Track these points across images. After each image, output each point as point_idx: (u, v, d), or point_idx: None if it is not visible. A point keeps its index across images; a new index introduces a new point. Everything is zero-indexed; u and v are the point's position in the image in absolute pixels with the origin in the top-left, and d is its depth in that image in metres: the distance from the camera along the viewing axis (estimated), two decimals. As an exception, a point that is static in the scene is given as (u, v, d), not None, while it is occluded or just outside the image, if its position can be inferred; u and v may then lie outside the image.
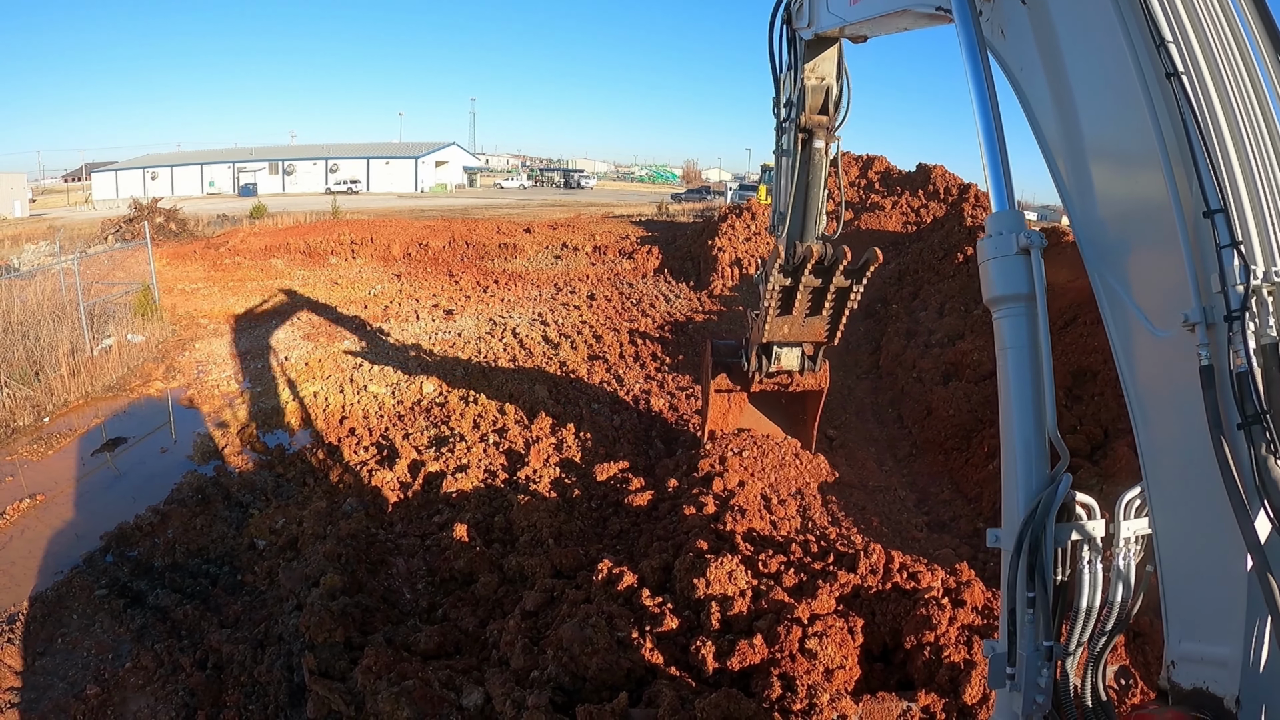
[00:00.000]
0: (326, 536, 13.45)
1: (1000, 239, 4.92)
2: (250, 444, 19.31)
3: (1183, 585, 4.04)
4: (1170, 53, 4.05)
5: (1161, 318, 4.10)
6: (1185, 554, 4.06)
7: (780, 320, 13.29)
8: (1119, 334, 4.42)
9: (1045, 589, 4.55)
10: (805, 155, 12.40)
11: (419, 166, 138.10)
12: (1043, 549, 4.56)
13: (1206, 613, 3.91)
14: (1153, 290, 4.22)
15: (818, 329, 13.58)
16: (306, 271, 43.42)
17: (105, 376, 24.60)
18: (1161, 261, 4.13)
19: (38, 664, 11.39)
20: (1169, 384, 4.09)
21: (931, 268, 28.39)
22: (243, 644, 11.18)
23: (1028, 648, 4.64)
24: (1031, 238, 4.78)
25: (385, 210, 75.91)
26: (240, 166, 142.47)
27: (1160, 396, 4.23)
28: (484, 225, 54.42)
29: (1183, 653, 3.99)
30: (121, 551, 14.23)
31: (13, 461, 18.54)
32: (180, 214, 64.96)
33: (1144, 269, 4.32)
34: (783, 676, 8.56)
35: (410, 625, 11.21)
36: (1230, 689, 3.69)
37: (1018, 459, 4.81)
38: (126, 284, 33.41)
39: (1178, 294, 3.93)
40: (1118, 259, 4.47)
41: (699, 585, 10.06)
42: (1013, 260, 4.84)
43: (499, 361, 24.49)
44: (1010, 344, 4.90)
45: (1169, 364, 4.05)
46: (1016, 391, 4.85)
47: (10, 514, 15.72)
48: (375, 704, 8.83)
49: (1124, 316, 4.38)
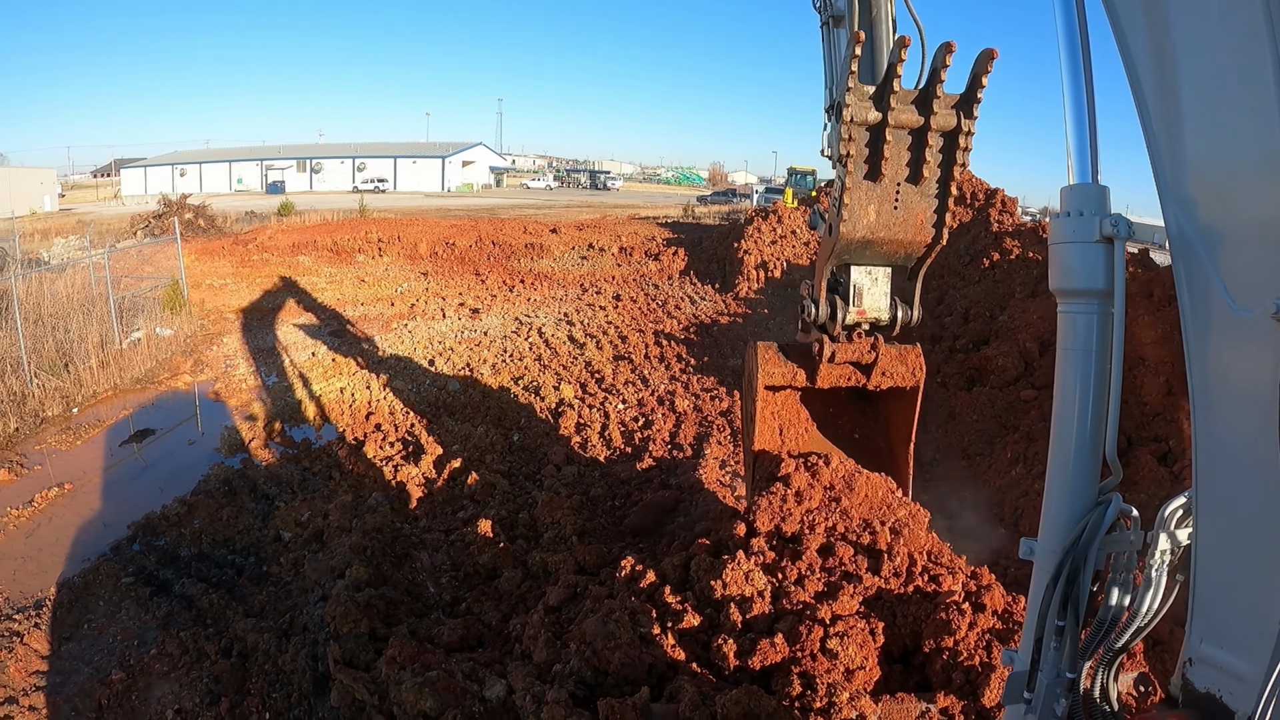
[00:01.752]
0: (352, 529, 13.55)
1: (1080, 221, 4.13)
2: (276, 438, 19.45)
3: (1215, 590, 3.73)
4: None
5: (1247, 295, 3.41)
6: (1224, 559, 3.70)
7: (868, 195, 8.49)
8: (1194, 306, 3.73)
9: (1077, 620, 4.15)
10: None
11: (446, 166, 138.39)
12: (1081, 580, 4.12)
13: (1235, 624, 3.61)
14: (1243, 265, 3.51)
15: (919, 217, 8.65)
16: (334, 269, 43.64)
17: (134, 369, 24.85)
18: (1260, 238, 3.43)
19: (64, 649, 11.50)
20: (1241, 371, 3.53)
21: (957, 273, 28.30)
22: (268, 633, 11.27)
23: (1049, 675, 4.26)
24: (1119, 225, 4.02)
25: (412, 209, 76.23)
26: (268, 164, 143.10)
27: (1228, 385, 3.64)
28: (510, 225, 54.59)
29: (1203, 654, 3.73)
30: (148, 540, 14.36)
31: (41, 450, 18.73)
32: (209, 210, 65.39)
33: (1237, 242, 3.57)
34: (803, 675, 8.55)
35: (433, 618, 11.27)
36: (1245, 706, 3.46)
37: (1069, 473, 4.28)
38: (155, 279, 33.66)
39: (1271, 277, 3.32)
40: (1206, 225, 3.67)
41: (716, 586, 10.07)
42: (1092, 248, 4.10)
43: (525, 360, 24.57)
44: (1077, 345, 4.26)
45: (1246, 348, 3.48)
46: (1077, 398, 4.26)
47: (39, 502, 15.88)
48: (399, 694, 8.90)
49: (1204, 288, 3.66)
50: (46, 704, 10.40)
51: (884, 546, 10.32)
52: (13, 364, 22.59)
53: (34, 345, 23.78)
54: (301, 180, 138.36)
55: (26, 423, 20.12)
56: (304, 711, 9.88)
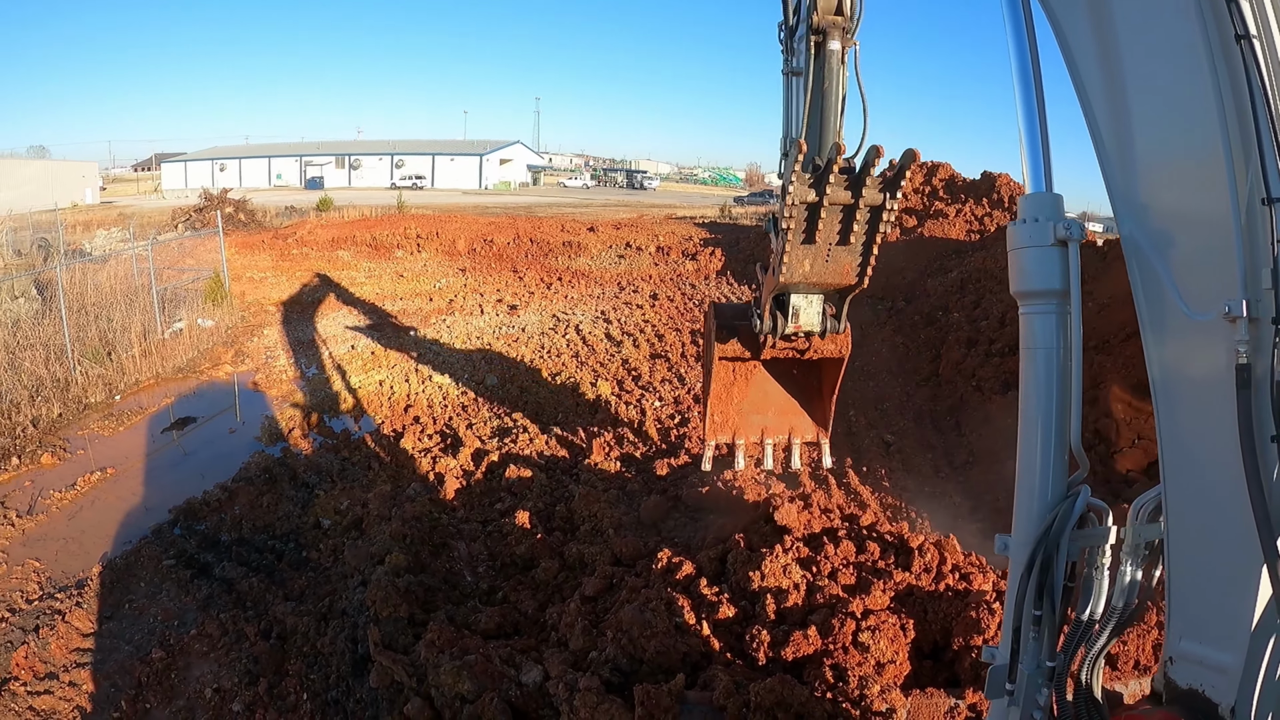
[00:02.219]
0: (391, 518, 13.64)
1: (1035, 226, 4.40)
2: (316, 428, 19.57)
3: (1190, 586, 3.85)
4: (1241, 11, 3.52)
5: (1199, 300, 3.69)
6: (1197, 555, 3.84)
7: (803, 253, 10.19)
8: (1150, 312, 4.00)
9: (1053, 608, 4.32)
10: (819, 62, 10.61)
11: (483, 164, 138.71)
12: (1054, 568, 4.30)
13: (1212, 618, 3.73)
14: (1194, 272, 3.78)
15: (845, 266, 10.43)
16: (372, 264, 43.85)
17: (175, 358, 25.08)
18: (1207, 245, 3.71)
19: (105, 627, 11.65)
20: (1199, 373, 3.78)
21: (994, 276, 28.12)
22: (307, 616, 11.37)
23: (1030, 665, 4.40)
24: (1071, 228, 4.29)
25: (450, 206, 76.47)
26: (307, 160, 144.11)
27: (1188, 386, 3.88)
28: (548, 223, 54.67)
29: (1182, 651, 3.82)
30: (189, 525, 14.53)
31: (84, 436, 18.95)
32: (249, 205, 65.98)
33: (1187, 250, 3.86)
34: (835, 667, 8.60)
35: (470, 606, 11.34)
36: (1227, 698, 3.53)
37: (1036, 468, 4.49)
38: (196, 271, 33.96)
39: (1221, 280, 3.56)
40: (1158, 235, 3.98)
41: (754, 578, 10.13)
42: (1048, 252, 4.36)
43: (562, 357, 24.62)
44: (1038, 344, 4.48)
45: (1202, 351, 3.72)
46: (1041, 395, 4.47)
47: (81, 485, 16.08)
48: (437, 676, 8.98)
49: (1158, 295, 3.94)
50: (87, 680, 10.55)
51: (915, 544, 10.60)
52: (56, 351, 22.87)
53: (77, 334, 24.04)
54: (340, 176, 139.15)
55: (70, 408, 20.35)
56: (342, 693, 9.97)
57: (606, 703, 8.13)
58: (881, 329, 25.93)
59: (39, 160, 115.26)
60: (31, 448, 17.87)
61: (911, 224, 36.08)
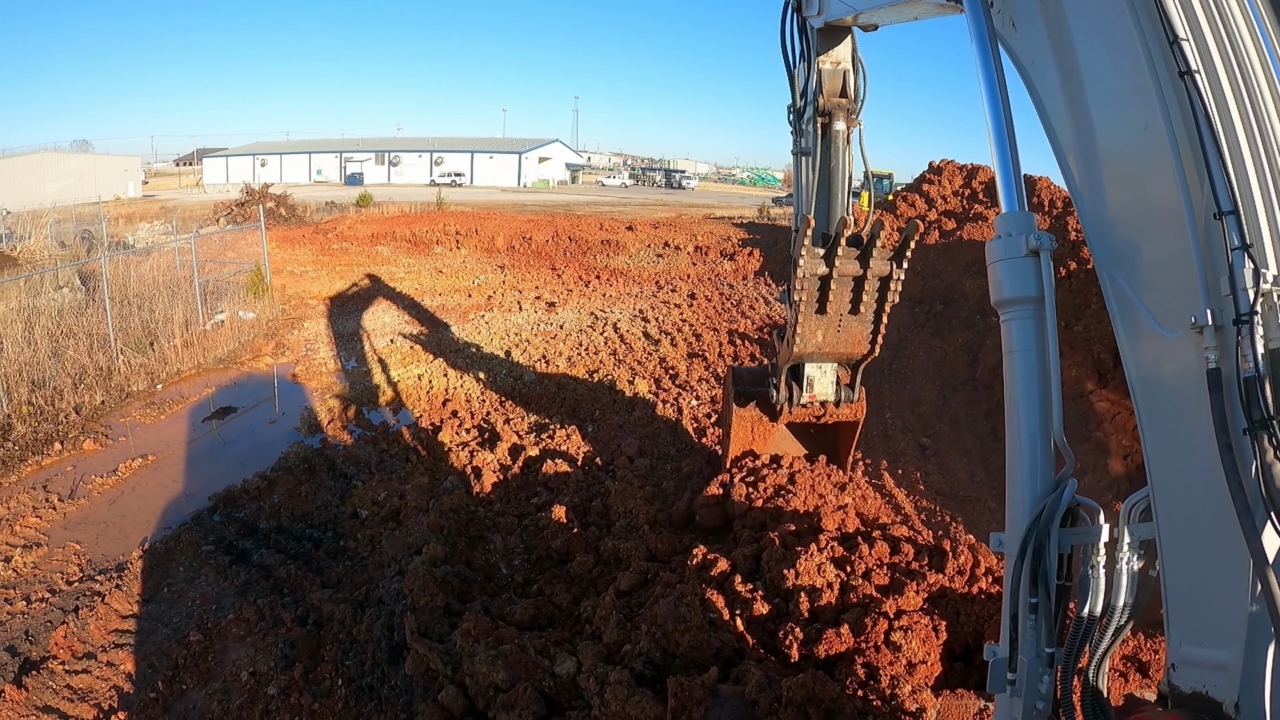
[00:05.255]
0: (429, 509, 13.74)
1: (1010, 240, 4.78)
2: (355, 420, 19.71)
3: (1185, 589, 3.96)
4: (1183, 50, 3.92)
5: (1169, 317, 3.98)
6: (1188, 558, 3.96)
7: (815, 324, 11.22)
8: (1126, 332, 4.32)
9: (1048, 595, 4.48)
10: (826, 142, 11.40)
11: (522, 162, 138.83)
12: (1046, 555, 4.49)
13: (1208, 617, 3.82)
14: (1161, 290, 4.10)
15: (857, 337, 11.45)
16: (411, 259, 44.04)
17: (217, 349, 25.34)
18: (1170, 262, 4.02)
19: (143, 610, 11.79)
20: (1175, 384, 4.00)
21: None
22: (343, 604, 11.45)
23: (1029, 654, 4.55)
24: (1041, 240, 4.67)
25: (488, 203, 76.66)
26: (347, 156, 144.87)
27: (1166, 397, 4.12)
28: (586, 221, 54.66)
29: (1183, 656, 3.89)
30: (228, 512, 14.68)
31: (126, 423, 19.16)
32: (290, 200, 66.39)
33: (1153, 269, 4.19)
34: (867, 666, 8.60)
35: (505, 598, 11.39)
36: (1230, 694, 3.60)
37: (1023, 463, 4.75)
38: (237, 264, 34.31)
39: (1186, 295, 3.84)
40: (1126, 257, 4.35)
41: (788, 575, 10.12)
42: (1022, 263, 4.72)
43: (600, 354, 24.64)
44: (1018, 347, 4.78)
45: (1175, 364, 3.96)
46: (1024, 395, 4.76)
47: (123, 471, 16.26)
48: (472, 665, 9.03)
49: (1132, 315, 4.27)
50: (124, 660, 10.66)
51: (948, 547, 10.63)
52: (100, 340, 23.21)
53: (120, 324, 24.37)
54: (379, 173, 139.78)
55: (112, 396, 20.60)
56: (377, 679, 10.01)
57: (637, 695, 8.15)
58: (919, 332, 25.77)
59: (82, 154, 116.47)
60: (74, 434, 18.10)
61: (950, 226, 35.81)
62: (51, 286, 29.13)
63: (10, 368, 20.30)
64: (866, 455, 17.16)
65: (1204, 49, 3.99)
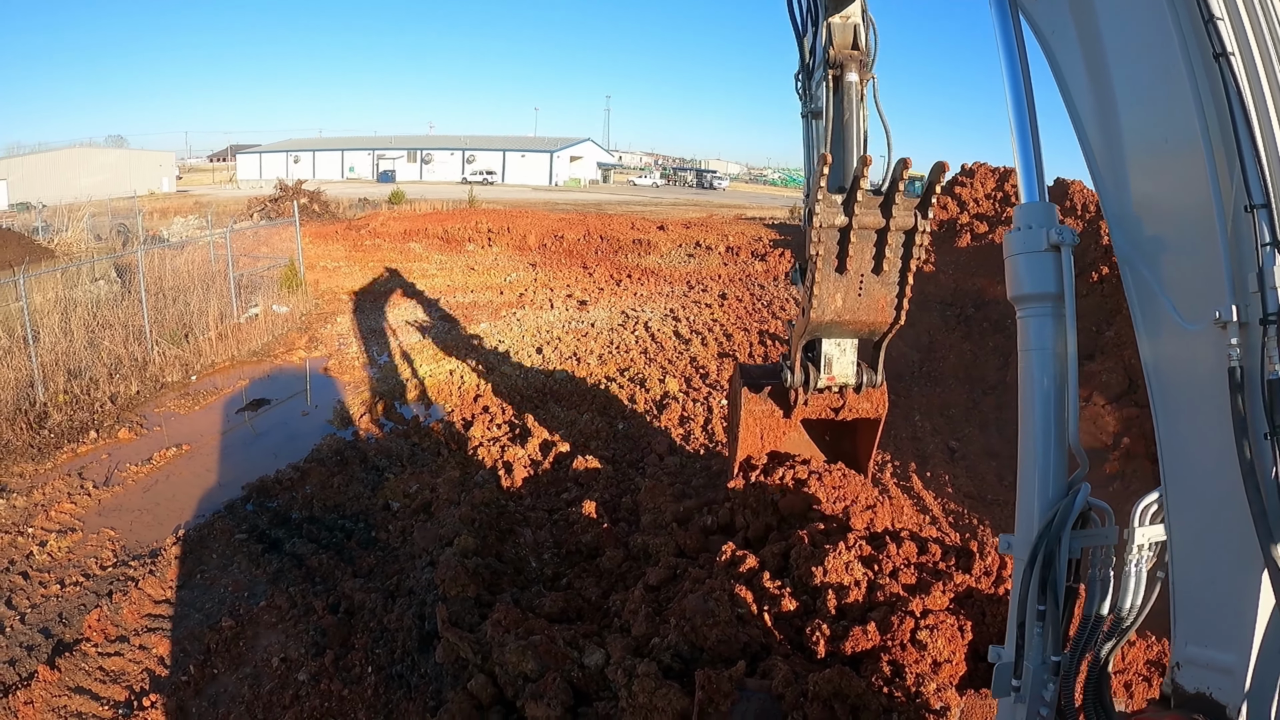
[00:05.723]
0: (460, 502, 13.81)
1: (1029, 234, 4.56)
2: (387, 414, 19.82)
3: (1194, 589, 3.84)
4: (1219, 31, 3.60)
5: (1192, 310, 3.76)
6: (1198, 558, 3.85)
7: (835, 285, 9.89)
8: (1146, 322, 4.08)
9: (1056, 603, 4.36)
10: (838, 96, 10.51)
11: (554, 160, 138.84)
12: (1056, 563, 4.35)
13: (1216, 619, 3.71)
14: (1185, 281, 3.86)
15: (880, 302, 10.04)
16: (444, 256, 44.21)
17: (251, 342, 25.55)
18: (1196, 254, 3.77)
19: (176, 595, 11.92)
20: (1195, 380, 3.79)
21: (1066, 285, 27.78)
22: (374, 593, 11.55)
23: (1035, 660, 4.42)
24: (1063, 234, 4.45)
25: (520, 201, 76.79)
26: (379, 154, 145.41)
27: (1184, 391, 3.91)
28: (618, 220, 54.70)
29: (1188, 656, 3.79)
30: (261, 501, 14.81)
31: (160, 413, 19.35)
32: (323, 196, 66.75)
33: (1177, 260, 3.94)
34: (892, 663, 8.59)
35: (535, 591, 11.43)
36: (1234, 698, 3.52)
37: (1036, 466, 4.57)
38: (271, 259, 34.50)
39: (1211, 288, 3.62)
40: (1149, 246, 4.08)
41: (816, 573, 10.12)
42: (1041, 257, 4.50)
43: (631, 353, 24.68)
44: (1034, 345, 4.59)
45: (1196, 359, 3.75)
46: (1038, 396, 4.57)
47: (158, 460, 16.41)
48: (501, 654, 9.07)
49: (1152, 304, 4.02)
50: (156, 644, 10.80)
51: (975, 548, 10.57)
52: (135, 332, 23.43)
53: (155, 316, 24.60)
54: (412, 170, 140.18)
55: (147, 386, 20.79)
56: (407, 667, 10.09)
57: (664, 687, 8.17)
58: (950, 334, 25.68)
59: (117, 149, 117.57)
60: (109, 423, 18.28)
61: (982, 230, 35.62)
62: (88, 279, 29.40)
63: (47, 357, 20.53)
64: (895, 457, 17.13)
65: (1240, 30, 3.69)
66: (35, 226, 45.94)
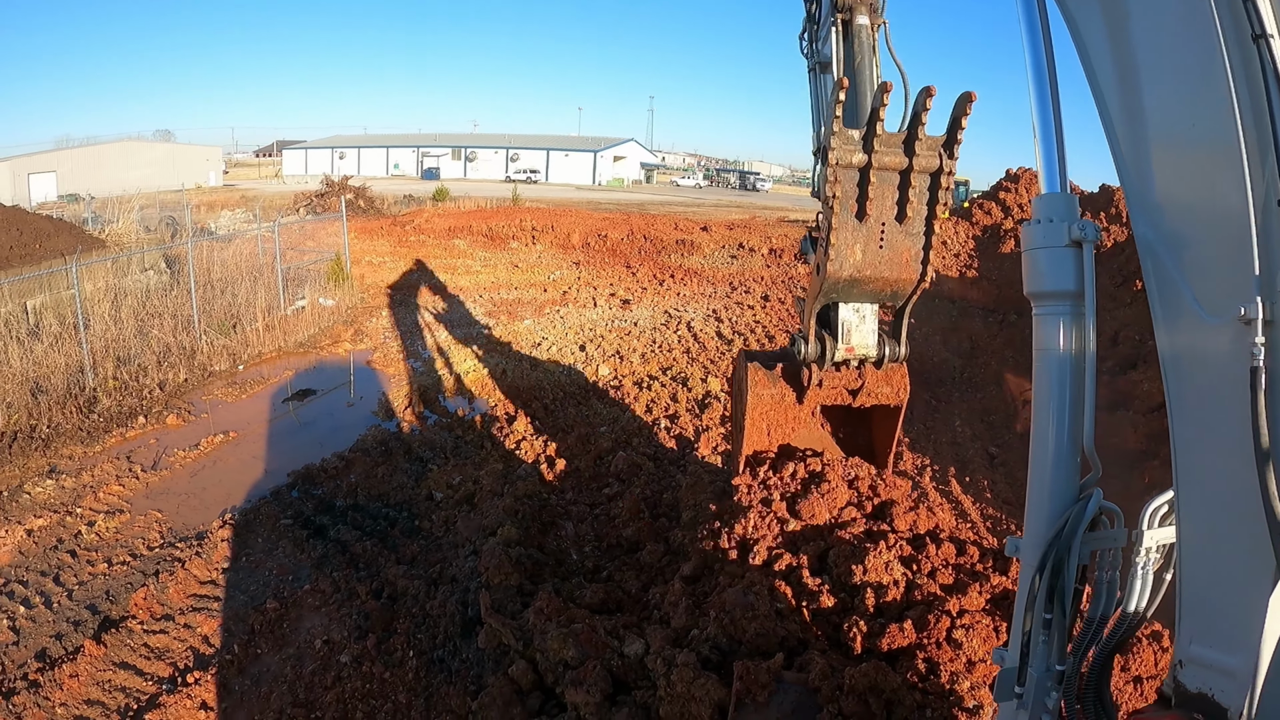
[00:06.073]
0: (503, 494, 13.90)
1: (1050, 227, 4.33)
2: (431, 406, 19.96)
3: (1201, 588, 3.73)
4: (1259, 10, 3.37)
5: (1214, 302, 3.57)
6: (1208, 556, 3.72)
7: (853, 234, 8.64)
8: (1164, 310, 3.87)
9: (1064, 612, 4.25)
10: (849, 42, 9.82)
11: (597, 160, 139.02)
12: (1065, 572, 4.22)
13: (1222, 622, 3.60)
14: (1208, 273, 3.66)
15: (904, 256, 8.78)
16: (488, 253, 44.40)
17: (297, 334, 25.82)
18: (1221, 246, 3.58)
19: (222, 577, 12.11)
20: (1213, 375, 3.62)
21: (1108, 294, 27.46)
22: (417, 580, 11.67)
23: (1039, 669, 4.34)
24: (1085, 230, 4.23)
25: (563, 200, 77.05)
26: (424, 151, 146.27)
27: (1201, 385, 3.74)
28: (661, 221, 54.72)
29: (1192, 655, 3.70)
30: (306, 489, 15.00)
31: (208, 401, 19.60)
32: (368, 192, 67.26)
33: (1201, 250, 3.72)
34: (927, 661, 8.58)
35: (575, 582, 11.48)
36: (1236, 702, 3.44)
37: (1048, 470, 4.43)
38: (317, 252, 34.81)
39: (1236, 282, 3.42)
40: (1172, 234, 3.85)
41: (856, 571, 10.11)
42: (1061, 253, 4.30)
43: (673, 352, 24.69)
44: (1050, 345, 4.42)
45: (1215, 352, 3.58)
46: (1054, 397, 4.41)
47: (205, 446, 16.64)
48: (543, 641, 9.15)
49: (1173, 293, 3.81)
50: (201, 623, 10.98)
51: None
52: (184, 321, 23.78)
53: (203, 306, 24.92)
54: (456, 168, 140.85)
55: (195, 375, 21.07)
56: (448, 652, 10.17)
57: (703, 678, 8.22)
58: (992, 340, 25.56)
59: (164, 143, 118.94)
60: (158, 409, 18.54)
61: (1022, 233, 35.59)
62: (138, 269, 29.81)
63: (97, 343, 20.87)
64: (935, 462, 17.08)
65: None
66: (84, 217, 46.56)
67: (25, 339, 20.88)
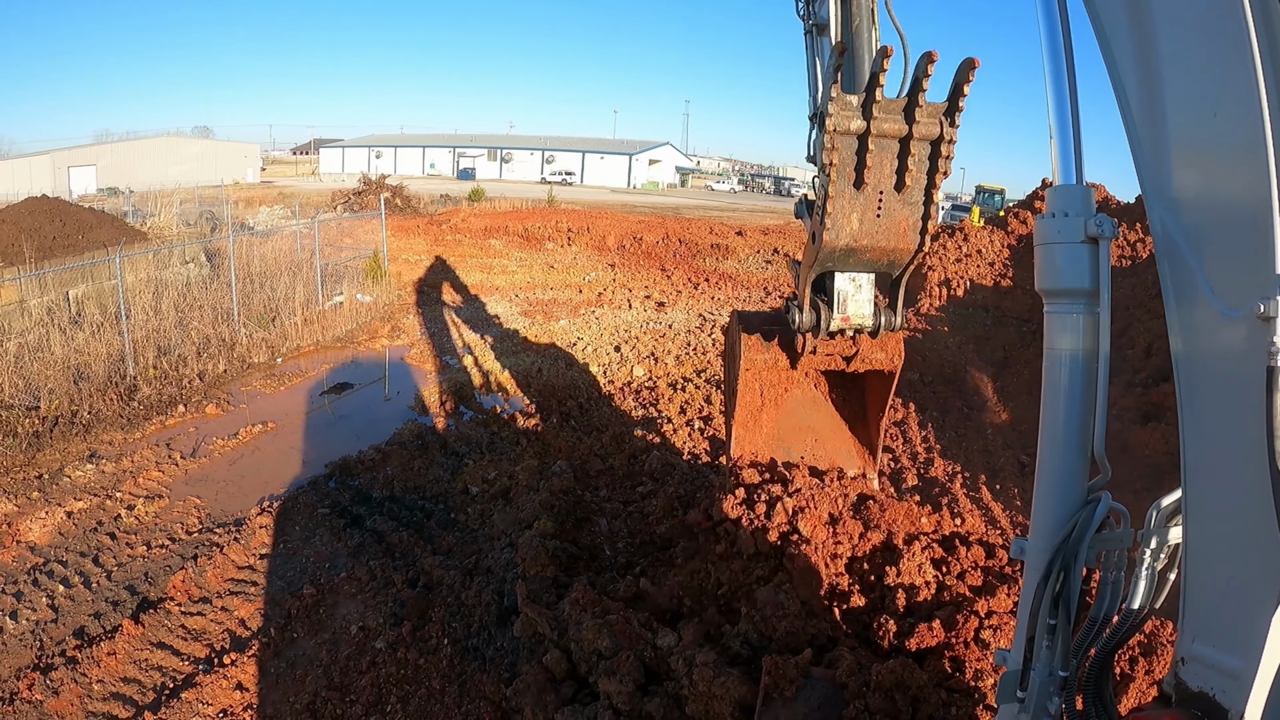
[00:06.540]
0: (539, 489, 13.96)
1: (1065, 222, 4.15)
2: (466, 402, 20.07)
3: (1207, 588, 3.63)
4: None
5: (1231, 295, 3.40)
6: (1214, 556, 3.62)
7: (851, 202, 8.30)
8: (1178, 301, 3.74)
9: (1068, 618, 4.14)
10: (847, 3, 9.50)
11: (632, 163, 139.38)
12: (1071, 577, 4.12)
13: (1227, 623, 3.52)
14: (1226, 265, 3.50)
15: (902, 225, 8.48)
16: (523, 254, 44.61)
17: (335, 329, 26.04)
18: (1241, 237, 3.40)
19: (259, 563, 12.24)
20: (1227, 371, 3.48)
21: (1143, 305, 27.20)
22: (453, 570, 11.75)
23: (1042, 674, 4.23)
24: (1103, 226, 4.03)
25: (598, 203, 77.28)
26: (460, 151, 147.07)
27: (1214, 380, 3.61)
28: (696, 224, 54.79)
29: (1194, 653, 3.62)
30: (344, 480, 15.14)
31: (247, 392, 19.82)
32: (405, 191, 67.77)
33: (1219, 241, 3.57)
34: (954, 659, 8.60)
35: (609, 577, 11.55)
36: (1237, 704, 3.36)
37: (1056, 472, 4.37)
38: (355, 249, 35.14)
39: (1256, 276, 3.25)
40: (1189, 223, 3.69)
41: (889, 573, 10.13)
42: (1076, 249, 4.12)
43: (708, 355, 24.72)
44: (1062, 344, 4.33)
45: (1230, 347, 3.44)
46: (1064, 398, 4.34)
47: (243, 435, 16.81)
48: (578, 632, 9.20)
49: (1188, 283, 3.66)
50: (238, 607, 11.11)
51: None
52: (223, 314, 24.10)
53: (243, 299, 25.20)
54: (491, 169, 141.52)
55: (234, 366, 21.30)
56: (482, 641, 10.23)
57: (723, 676, 8.28)
58: (1025, 350, 25.44)
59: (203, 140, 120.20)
60: (197, 398, 18.75)
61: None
62: (179, 261, 30.15)
63: (138, 333, 21.14)
64: (965, 469, 17.04)
65: None
66: (124, 211, 47.09)
67: (67, 327, 21.18)
